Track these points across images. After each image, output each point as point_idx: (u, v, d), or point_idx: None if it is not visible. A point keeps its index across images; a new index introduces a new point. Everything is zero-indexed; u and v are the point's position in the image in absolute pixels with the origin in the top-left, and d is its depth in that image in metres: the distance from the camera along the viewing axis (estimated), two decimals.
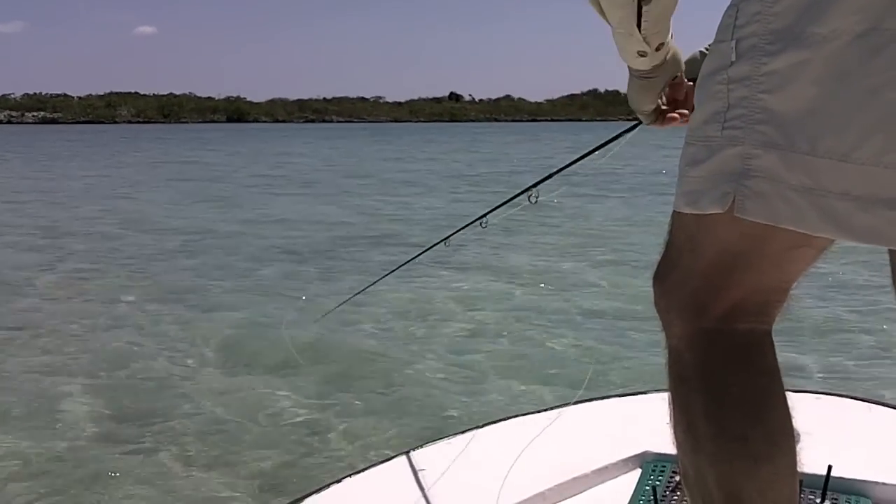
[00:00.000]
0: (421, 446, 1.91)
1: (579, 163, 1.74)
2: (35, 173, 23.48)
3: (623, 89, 1.34)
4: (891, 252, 1.04)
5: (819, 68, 0.95)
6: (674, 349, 1.17)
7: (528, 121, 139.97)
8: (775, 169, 0.99)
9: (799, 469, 1.12)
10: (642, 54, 1.25)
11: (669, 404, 1.17)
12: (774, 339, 1.15)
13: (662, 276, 1.19)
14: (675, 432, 1.17)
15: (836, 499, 1.66)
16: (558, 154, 29.12)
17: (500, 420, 2.05)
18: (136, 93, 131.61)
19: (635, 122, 1.46)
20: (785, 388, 1.12)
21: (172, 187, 18.98)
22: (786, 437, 1.11)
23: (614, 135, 1.59)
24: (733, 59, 1.04)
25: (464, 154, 35.85)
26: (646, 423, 1.25)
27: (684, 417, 1.14)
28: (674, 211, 1.12)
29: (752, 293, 1.13)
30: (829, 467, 1.65)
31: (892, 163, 0.92)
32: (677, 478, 1.67)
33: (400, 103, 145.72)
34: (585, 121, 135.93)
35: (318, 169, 26.00)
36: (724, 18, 1.08)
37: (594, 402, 2.15)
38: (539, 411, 2.09)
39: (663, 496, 1.66)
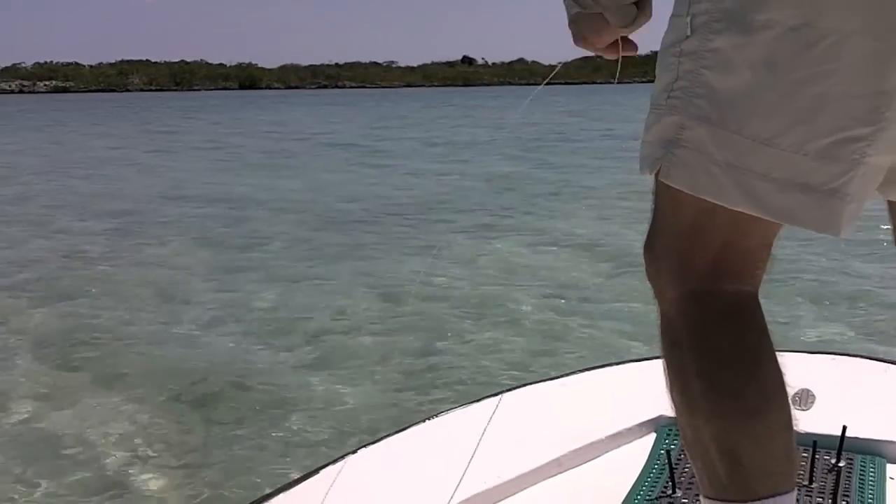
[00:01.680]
0: (437, 415, 1.94)
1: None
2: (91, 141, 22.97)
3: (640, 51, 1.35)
4: (890, 204, 1.16)
5: (754, 54, 1.01)
6: (665, 314, 1.20)
7: (542, 84, 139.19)
8: (703, 142, 1.06)
9: (794, 425, 1.14)
10: None
11: (664, 370, 1.20)
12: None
13: (650, 243, 1.21)
14: (672, 395, 1.20)
15: (851, 459, 1.68)
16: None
17: (517, 387, 2.09)
18: (148, 60, 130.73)
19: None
20: (796, 350, 1.26)
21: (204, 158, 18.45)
22: (777, 392, 1.14)
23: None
24: (688, 33, 1.08)
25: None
26: (660, 387, 1.25)
27: (679, 380, 1.18)
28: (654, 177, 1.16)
29: (734, 252, 1.15)
30: (844, 427, 1.67)
31: (811, 151, 1.01)
32: None
33: (413, 68, 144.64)
34: (600, 83, 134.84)
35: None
36: None
37: (609, 368, 2.21)
38: (554, 378, 2.15)
39: (678, 460, 1.69)
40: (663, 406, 1.46)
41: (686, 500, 1.60)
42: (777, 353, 1.16)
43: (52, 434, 3.70)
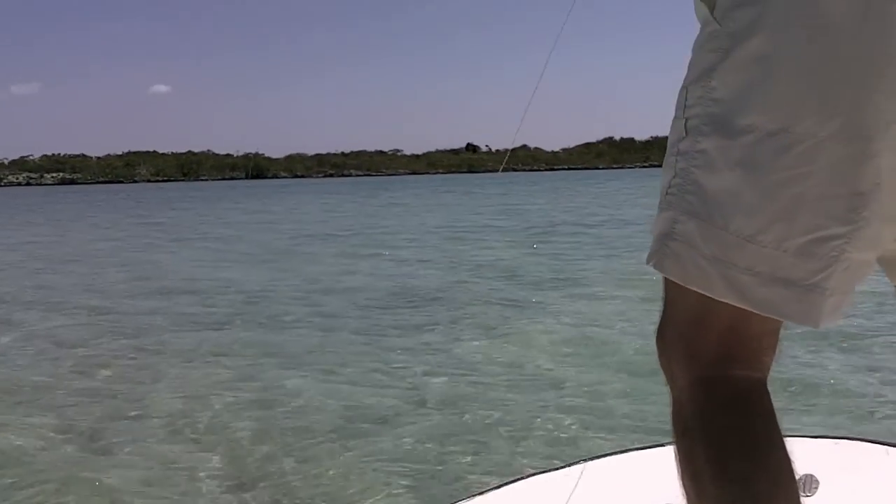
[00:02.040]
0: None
1: None
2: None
3: (637, 136, 1.62)
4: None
5: (736, 155, 1.08)
6: (676, 401, 1.22)
7: (545, 170, 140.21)
8: (693, 236, 1.13)
9: None
10: None
11: (675, 456, 1.21)
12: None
13: (661, 332, 1.25)
14: (682, 482, 1.21)
15: None
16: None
17: (523, 478, 2.11)
18: (155, 151, 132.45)
19: None
20: (798, 434, 1.26)
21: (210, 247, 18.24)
22: (786, 478, 1.15)
23: None
24: (683, 135, 1.15)
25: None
26: (669, 474, 1.23)
27: (689, 466, 1.19)
28: None
29: (740, 339, 1.18)
30: None
31: (790, 248, 1.08)
32: None
33: (417, 156, 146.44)
34: (602, 168, 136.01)
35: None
36: (678, 98, 1.20)
37: (616, 456, 2.24)
38: (560, 468, 2.16)
39: None
40: (674, 493, 1.48)
41: None
42: (784, 439, 1.17)
43: None
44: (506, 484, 2.07)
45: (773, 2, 1.07)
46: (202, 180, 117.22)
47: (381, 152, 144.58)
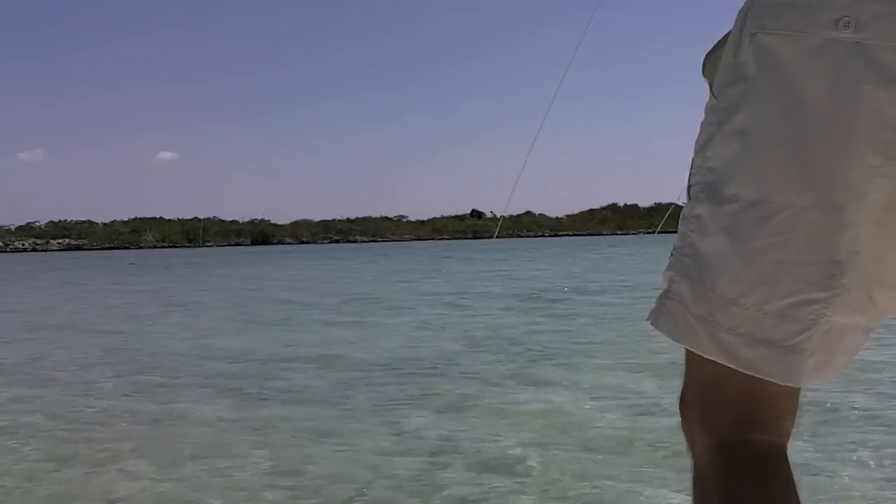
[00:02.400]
0: None
1: None
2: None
3: (641, 203, 1.50)
4: None
5: (723, 222, 1.15)
6: (696, 465, 1.24)
7: (549, 236, 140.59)
8: (685, 295, 1.19)
9: None
10: None
11: None
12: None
13: (682, 395, 1.28)
14: None
15: None
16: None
17: None
18: (161, 218, 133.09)
19: None
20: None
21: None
22: None
23: None
24: (687, 200, 1.23)
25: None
26: None
27: None
28: None
29: (756, 402, 1.20)
30: None
31: (770, 311, 1.13)
32: None
33: (422, 221, 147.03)
34: (606, 234, 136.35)
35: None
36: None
37: None
38: None
39: None
40: None
41: None
42: None
43: None
44: None
45: (757, 80, 1.14)
46: (207, 246, 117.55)
47: (387, 218, 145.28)
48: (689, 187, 1.24)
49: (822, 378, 1.19)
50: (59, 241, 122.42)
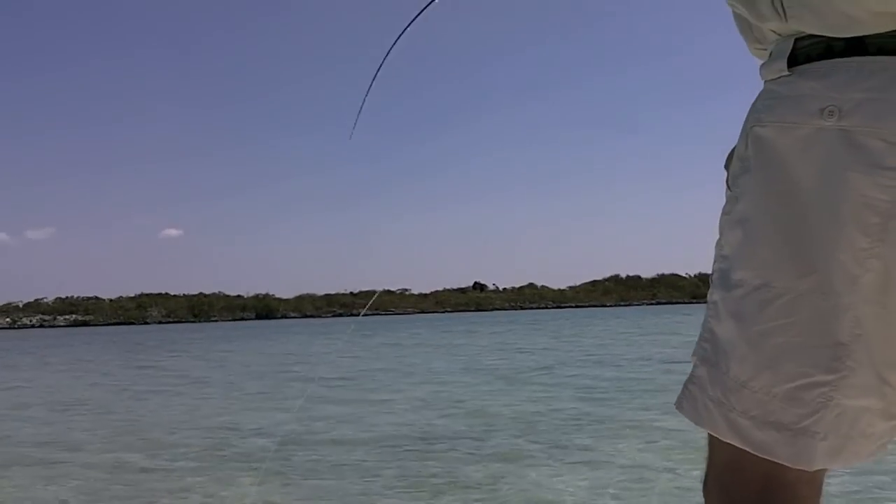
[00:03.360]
0: None
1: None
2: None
3: (643, 274, 1.65)
4: None
5: (731, 307, 1.18)
6: None
7: (552, 307, 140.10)
8: (703, 379, 1.22)
9: None
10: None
11: None
12: None
13: (705, 480, 1.29)
14: None
15: None
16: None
17: None
18: (167, 293, 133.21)
19: None
20: None
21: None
22: None
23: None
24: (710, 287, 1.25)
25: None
26: None
27: None
28: None
29: (776, 486, 1.19)
30: None
31: (778, 394, 1.13)
32: None
33: (425, 294, 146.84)
34: (609, 306, 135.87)
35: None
36: None
37: None
38: None
39: None
40: None
41: None
42: None
43: None
44: None
45: (757, 171, 1.17)
46: (213, 321, 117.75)
47: (390, 291, 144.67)
48: (711, 274, 1.26)
49: (841, 462, 1.16)
50: (66, 317, 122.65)
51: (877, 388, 1.13)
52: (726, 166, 1.29)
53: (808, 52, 1.17)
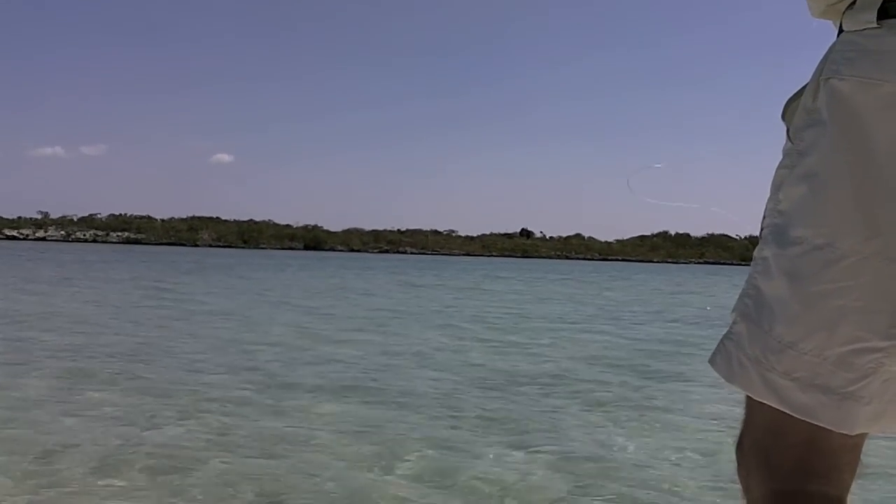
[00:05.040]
0: None
1: None
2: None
3: (693, 232, 1.55)
4: None
5: (786, 265, 1.13)
6: None
7: (598, 259, 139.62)
8: (742, 336, 1.18)
9: None
10: None
11: None
12: None
13: (740, 441, 1.24)
14: None
15: None
16: None
17: None
18: (218, 218, 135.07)
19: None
20: None
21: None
22: None
23: None
24: (759, 242, 1.22)
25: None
26: None
27: None
28: None
29: (819, 451, 1.16)
30: None
31: (830, 356, 1.10)
32: None
33: (472, 237, 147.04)
34: (657, 262, 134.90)
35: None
36: None
37: None
38: None
39: None
40: None
41: None
42: None
43: None
44: None
45: (828, 125, 1.13)
46: (262, 248, 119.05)
47: (437, 232, 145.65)
48: (761, 230, 1.23)
49: (879, 427, 1.15)
50: (119, 234, 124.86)
51: None
52: (783, 117, 1.25)
53: None
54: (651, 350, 12.98)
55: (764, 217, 1.23)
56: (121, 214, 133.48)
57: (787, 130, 1.22)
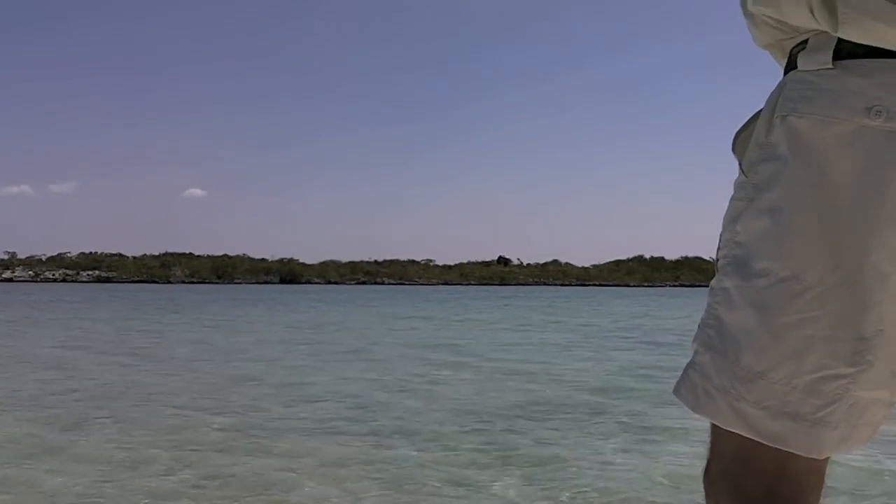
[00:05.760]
0: None
1: None
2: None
3: (667, 255, 1.64)
4: None
5: (752, 296, 1.16)
6: None
7: (576, 284, 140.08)
8: (707, 366, 1.21)
9: None
10: None
11: None
12: None
13: (707, 469, 1.28)
14: None
15: None
16: None
17: None
18: (191, 253, 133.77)
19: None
20: None
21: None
22: None
23: None
24: (715, 273, 1.25)
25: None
26: None
27: None
28: None
29: (788, 477, 1.20)
30: None
31: (798, 384, 1.14)
32: None
33: (450, 266, 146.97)
34: (633, 286, 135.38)
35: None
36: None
37: None
38: None
39: None
40: None
41: None
42: None
43: None
44: None
45: (788, 161, 1.16)
46: (237, 283, 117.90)
47: (414, 262, 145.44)
48: (716, 261, 1.25)
49: (845, 449, 1.20)
50: (90, 272, 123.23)
51: (888, 382, 1.17)
52: (734, 150, 1.28)
53: (852, 49, 1.16)
54: (635, 374, 12.83)
55: (719, 248, 1.25)
56: (91, 252, 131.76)
57: (740, 164, 1.25)
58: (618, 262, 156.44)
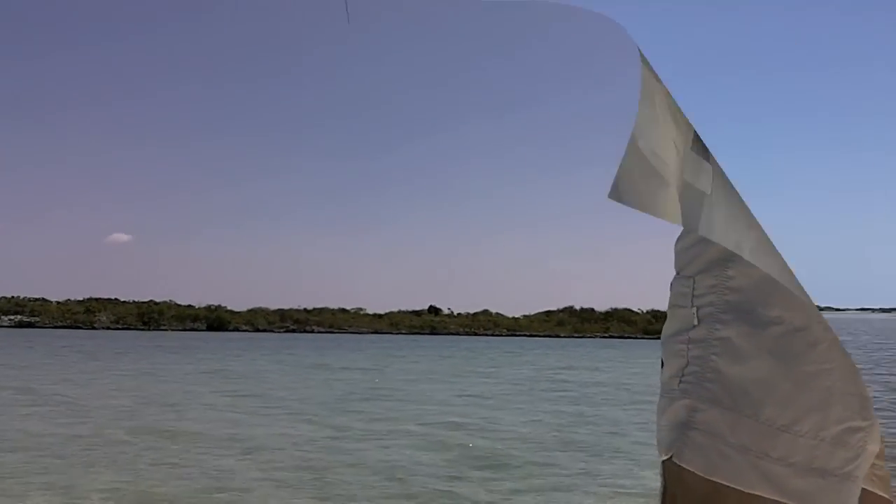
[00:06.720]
0: None
1: None
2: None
3: (597, 307, 1.45)
4: None
5: (767, 344, 1.10)
6: None
7: (506, 335, 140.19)
8: (716, 425, 1.12)
9: None
10: None
11: None
12: None
13: None
14: None
15: None
16: None
17: None
18: (116, 299, 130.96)
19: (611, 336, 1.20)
20: None
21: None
22: None
23: None
24: (695, 322, 1.17)
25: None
26: None
27: None
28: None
29: None
30: None
31: (826, 437, 1.08)
32: None
33: (380, 315, 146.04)
34: (563, 336, 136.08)
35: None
36: (677, 288, 1.21)
37: None
38: None
39: None
40: None
41: None
42: None
43: None
44: None
45: None
46: (163, 329, 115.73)
47: (344, 310, 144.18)
48: (695, 310, 1.18)
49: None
50: (11, 317, 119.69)
51: (879, 439, 1.14)
52: None
53: None
54: (580, 423, 12.80)
55: (696, 296, 1.18)
56: (13, 297, 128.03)
57: None
58: (548, 313, 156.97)
